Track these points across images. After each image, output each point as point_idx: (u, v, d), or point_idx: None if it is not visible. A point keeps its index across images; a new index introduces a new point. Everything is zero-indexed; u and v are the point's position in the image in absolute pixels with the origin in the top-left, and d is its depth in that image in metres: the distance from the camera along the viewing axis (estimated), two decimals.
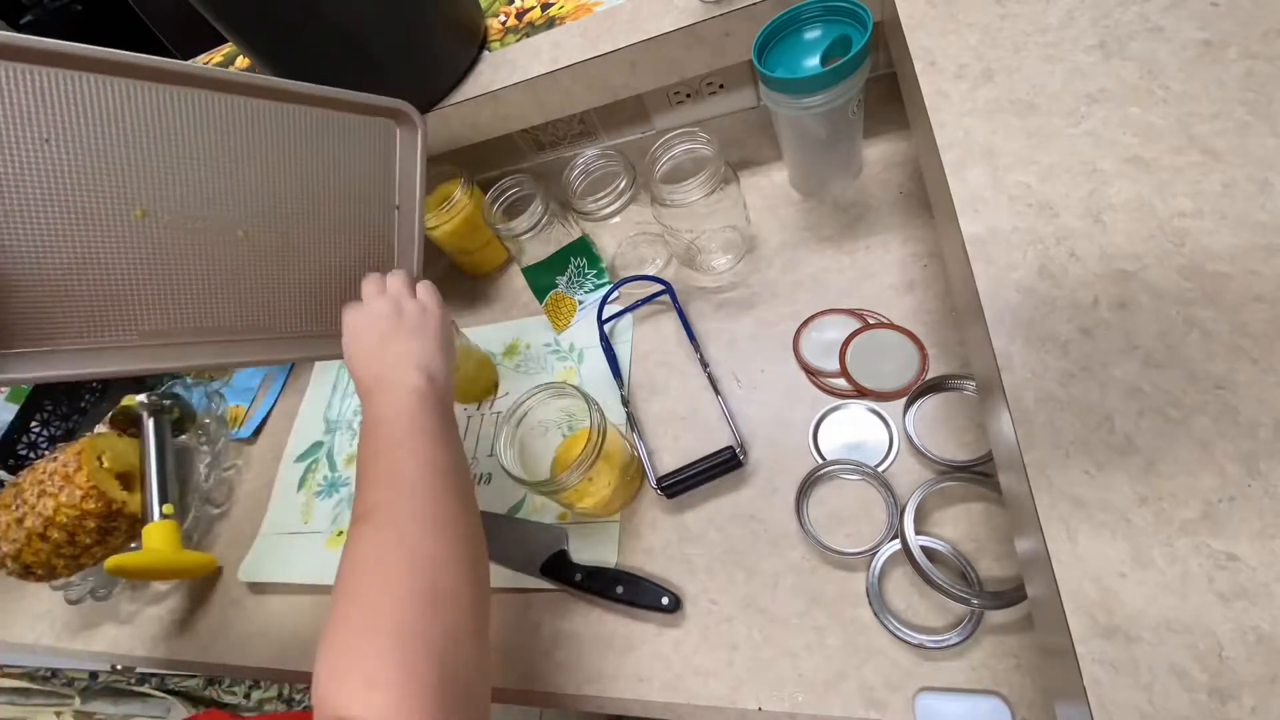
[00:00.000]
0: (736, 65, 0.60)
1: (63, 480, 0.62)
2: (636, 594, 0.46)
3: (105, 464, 0.65)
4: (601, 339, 0.59)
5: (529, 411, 0.49)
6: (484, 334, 0.69)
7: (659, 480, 0.49)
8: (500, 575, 0.53)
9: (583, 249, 0.64)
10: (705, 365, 0.55)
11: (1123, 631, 0.24)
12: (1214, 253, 0.29)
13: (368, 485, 0.38)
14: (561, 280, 0.65)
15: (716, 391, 0.53)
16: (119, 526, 0.64)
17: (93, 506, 0.61)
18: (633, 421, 0.54)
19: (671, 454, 0.53)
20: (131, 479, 0.68)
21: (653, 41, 0.57)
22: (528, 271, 0.64)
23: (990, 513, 0.42)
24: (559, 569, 0.50)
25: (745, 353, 0.55)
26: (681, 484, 0.49)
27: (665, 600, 0.45)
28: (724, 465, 0.48)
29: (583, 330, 0.64)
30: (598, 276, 0.64)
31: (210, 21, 0.58)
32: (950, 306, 0.50)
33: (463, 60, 0.67)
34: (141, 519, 0.64)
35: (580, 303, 0.64)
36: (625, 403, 0.55)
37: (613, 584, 0.47)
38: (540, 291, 0.65)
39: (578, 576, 0.49)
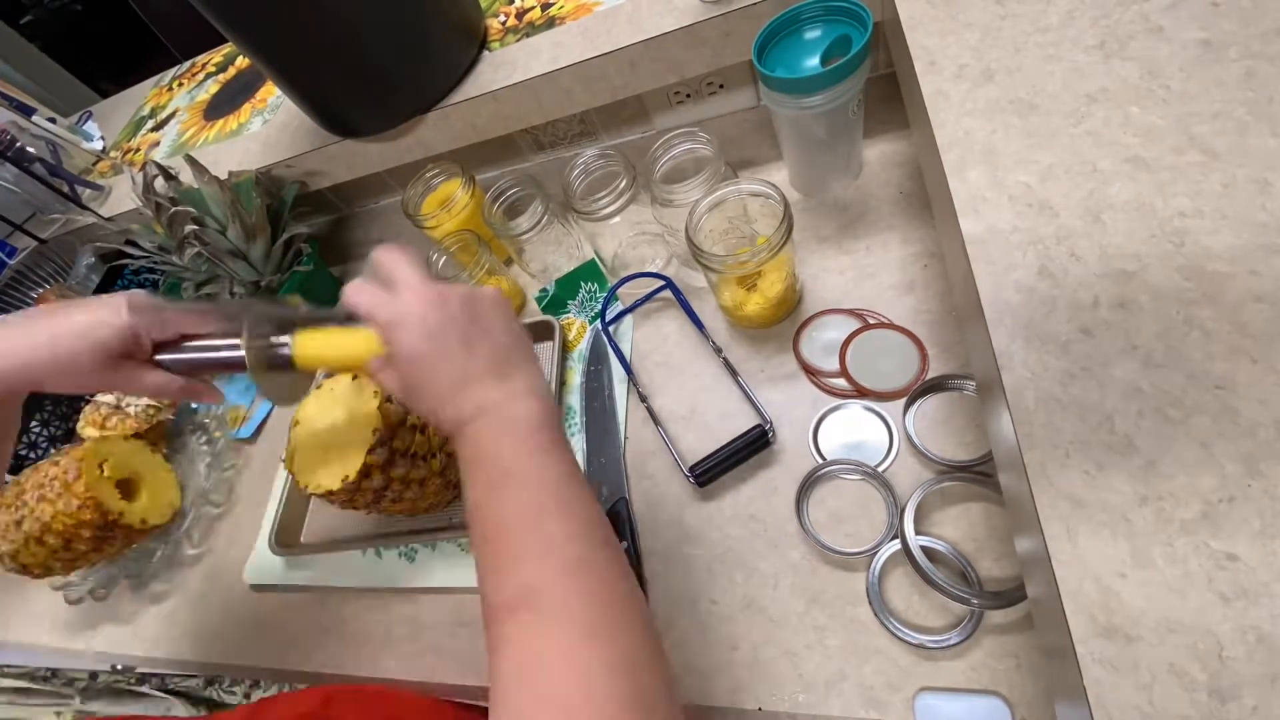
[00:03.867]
0: (736, 65, 0.60)
1: (62, 487, 0.61)
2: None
3: (106, 472, 0.65)
4: (609, 341, 0.59)
5: (720, 202, 0.49)
6: None
7: (691, 469, 0.49)
8: None
9: (594, 274, 0.65)
10: (719, 351, 0.55)
11: (1123, 631, 0.24)
12: (1214, 253, 0.29)
13: (512, 559, 0.29)
14: (573, 305, 0.65)
15: (734, 374, 0.53)
16: (115, 536, 0.64)
17: (89, 517, 0.61)
18: (654, 416, 0.54)
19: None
20: (132, 486, 0.68)
21: (653, 41, 0.57)
22: (541, 300, 0.66)
23: (990, 513, 0.42)
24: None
25: (744, 353, 0.55)
26: (714, 469, 0.49)
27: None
28: (754, 445, 0.48)
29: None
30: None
31: (210, 21, 0.58)
32: (950, 306, 0.50)
33: (463, 60, 0.67)
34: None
35: (591, 325, 0.64)
36: (643, 399, 0.55)
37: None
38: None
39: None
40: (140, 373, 0.40)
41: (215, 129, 0.89)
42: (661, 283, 0.60)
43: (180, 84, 1.06)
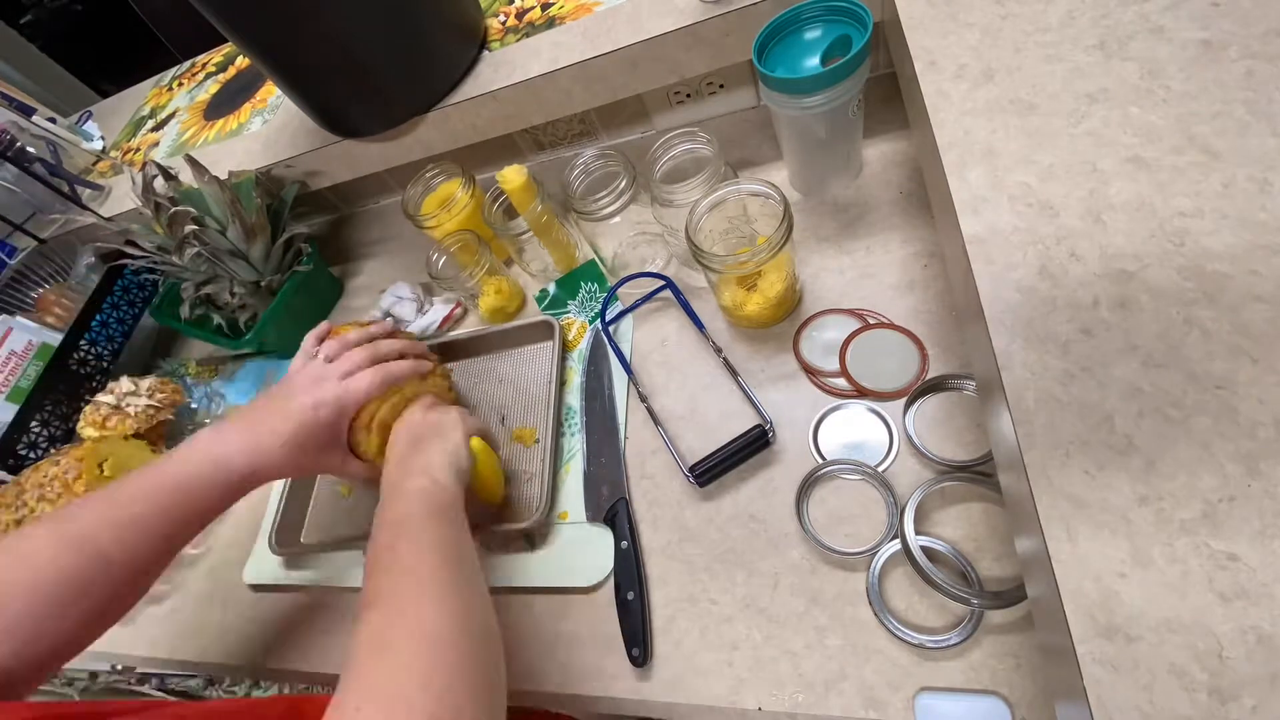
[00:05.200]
0: (736, 65, 0.60)
1: (61, 487, 0.62)
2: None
3: (106, 472, 0.65)
4: (609, 341, 0.59)
5: (720, 202, 0.49)
6: None
7: (691, 469, 0.49)
8: (500, 576, 0.53)
9: (594, 274, 0.65)
10: (719, 351, 0.55)
11: (1123, 631, 0.24)
12: (1214, 253, 0.29)
13: (369, 577, 0.37)
14: (573, 305, 0.65)
15: (734, 374, 0.53)
16: None
17: None
18: (654, 416, 0.54)
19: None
20: None
21: (653, 41, 0.57)
22: (542, 300, 0.67)
23: (990, 513, 0.42)
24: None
25: (744, 353, 0.55)
26: (714, 469, 0.49)
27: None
28: (754, 445, 0.48)
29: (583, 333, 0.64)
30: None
31: (210, 21, 0.58)
32: (950, 306, 0.50)
33: (463, 60, 0.67)
34: None
35: (591, 325, 0.64)
36: (643, 399, 0.55)
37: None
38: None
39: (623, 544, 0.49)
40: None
41: (215, 129, 0.89)
42: (661, 283, 0.60)
43: (180, 84, 1.06)
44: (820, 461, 0.48)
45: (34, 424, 0.75)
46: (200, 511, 0.45)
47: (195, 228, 0.67)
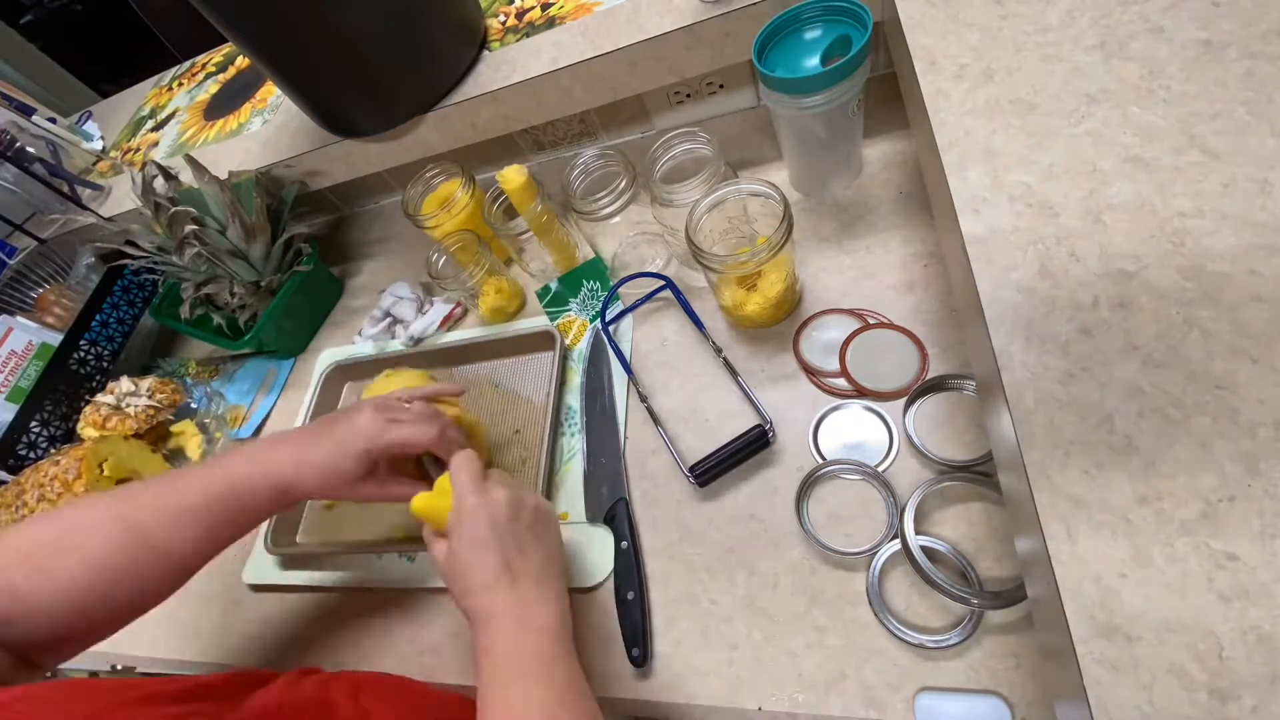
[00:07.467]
0: (736, 65, 0.60)
1: (62, 487, 0.61)
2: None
3: (106, 472, 0.65)
4: (609, 341, 0.59)
5: (720, 202, 0.49)
6: None
7: (691, 469, 0.49)
8: None
9: (596, 272, 0.65)
10: (719, 351, 0.55)
11: (1123, 631, 0.24)
12: (1214, 253, 0.29)
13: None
14: (574, 303, 0.65)
15: (734, 374, 0.53)
16: None
17: None
18: (654, 416, 0.54)
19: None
20: None
21: (653, 41, 0.58)
22: (543, 297, 0.67)
23: (990, 513, 0.42)
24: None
25: (744, 353, 0.55)
26: (714, 469, 0.49)
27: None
28: (754, 445, 0.48)
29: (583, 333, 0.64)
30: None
31: (210, 21, 0.58)
32: (950, 306, 0.50)
33: (463, 60, 0.67)
34: None
35: (591, 324, 0.64)
36: (643, 399, 0.55)
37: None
38: (553, 316, 0.66)
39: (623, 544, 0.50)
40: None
41: (215, 129, 0.89)
42: (661, 283, 0.60)
43: (180, 84, 1.06)
44: (820, 461, 0.48)
45: (34, 424, 0.75)
46: (248, 513, 0.46)
47: (195, 228, 0.67)
